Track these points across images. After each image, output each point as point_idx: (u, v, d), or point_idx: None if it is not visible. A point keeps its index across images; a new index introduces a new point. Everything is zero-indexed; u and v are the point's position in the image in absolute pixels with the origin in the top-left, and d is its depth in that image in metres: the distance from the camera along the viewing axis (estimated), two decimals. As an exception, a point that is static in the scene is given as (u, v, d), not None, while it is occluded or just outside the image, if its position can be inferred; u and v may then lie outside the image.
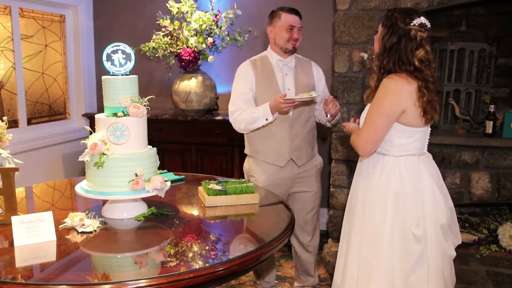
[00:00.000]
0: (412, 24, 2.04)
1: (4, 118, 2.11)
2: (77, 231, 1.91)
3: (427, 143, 2.21)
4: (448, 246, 2.13)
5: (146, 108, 2.08)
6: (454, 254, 2.17)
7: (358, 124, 2.27)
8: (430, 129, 2.20)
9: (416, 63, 2.04)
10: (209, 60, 3.98)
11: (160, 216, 2.11)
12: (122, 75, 2.09)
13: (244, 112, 2.72)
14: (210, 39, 3.91)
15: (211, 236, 2.00)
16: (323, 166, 3.05)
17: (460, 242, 2.24)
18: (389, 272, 2.07)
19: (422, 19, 2.06)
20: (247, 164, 2.94)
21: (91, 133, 2.07)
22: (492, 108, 3.38)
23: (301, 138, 2.81)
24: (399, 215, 2.07)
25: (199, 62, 4.02)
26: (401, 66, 2.05)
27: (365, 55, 2.72)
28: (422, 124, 2.10)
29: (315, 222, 3.02)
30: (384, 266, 2.07)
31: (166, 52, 3.96)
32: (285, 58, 2.81)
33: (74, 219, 1.93)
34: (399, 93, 2.02)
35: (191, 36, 3.89)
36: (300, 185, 2.89)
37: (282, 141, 2.78)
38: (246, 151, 2.93)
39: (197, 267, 1.63)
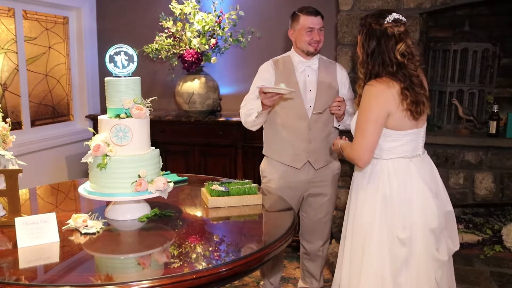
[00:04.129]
0: (385, 22, 2.05)
1: (8, 120, 2.12)
2: (80, 233, 1.91)
3: (422, 145, 2.20)
4: (440, 251, 2.12)
5: (149, 110, 2.09)
6: (445, 259, 2.14)
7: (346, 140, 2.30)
8: (424, 130, 2.19)
9: (399, 57, 2.04)
10: (212, 61, 3.98)
11: (163, 217, 2.11)
12: (124, 76, 2.10)
13: (245, 106, 2.73)
14: (213, 40, 3.91)
15: (214, 237, 2.00)
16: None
17: (457, 249, 2.22)
18: (378, 273, 2.08)
19: (395, 15, 2.07)
20: (263, 165, 2.92)
21: (94, 134, 2.07)
22: (495, 108, 3.38)
23: (319, 141, 2.76)
24: (386, 217, 2.09)
25: (202, 63, 4.02)
26: (386, 67, 2.06)
27: None
28: (411, 125, 2.10)
29: (328, 227, 2.99)
30: (374, 266, 2.09)
31: (169, 54, 3.96)
32: (308, 59, 2.77)
33: (77, 220, 1.94)
34: (381, 97, 2.03)
35: (194, 37, 3.89)
36: (315, 189, 2.85)
37: (300, 142, 2.74)
38: (264, 151, 2.91)
39: (201, 268, 1.63)
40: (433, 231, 2.09)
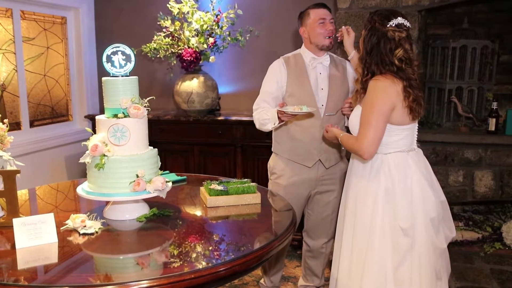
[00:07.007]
0: (388, 25, 2.11)
1: (5, 120, 2.12)
2: (79, 233, 1.91)
3: (416, 139, 2.27)
4: (438, 240, 2.19)
5: (147, 109, 2.08)
6: (444, 247, 2.23)
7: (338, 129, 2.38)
8: (417, 125, 2.26)
9: (396, 62, 2.10)
10: (210, 60, 3.98)
11: (162, 217, 2.11)
12: (122, 76, 2.09)
13: (260, 112, 2.71)
14: (211, 39, 3.91)
15: (213, 236, 2.00)
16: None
17: (454, 235, 2.30)
18: (381, 265, 2.14)
19: (400, 20, 2.12)
20: (272, 162, 2.90)
21: (92, 134, 2.07)
22: (494, 105, 3.38)
23: (330, 140, 2.77)
24: (389, 210, 2.14)
25: (201, 62, 4.01)
26: (384, 67, 2.12)
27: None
28: (409, 121, 2.16)
29: (333, 225, 2.98)
30: (376, 259, 2.14)
31: (167, 53, 3.95)
32: (320, 56, 2.75)
33: (75, 220, 1.94)
34: (387, 91, 2.09)
35: (192, 36, 3.88)
36: (323, 187, 2.85)
37: (312, 141, 2.73)
38: (273, 148, 2.91)
39: (200, 267, 1.62)
40: (432, 220, 2.16)
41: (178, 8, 3.90)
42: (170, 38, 3.96)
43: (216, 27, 3.91)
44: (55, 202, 2.46)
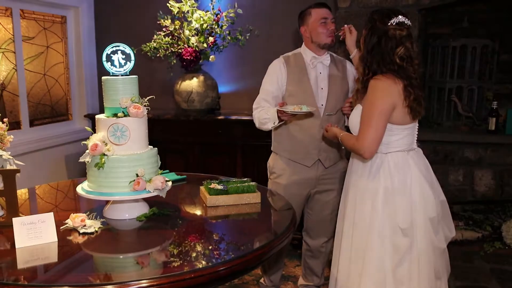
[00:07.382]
0: (389, 23, 2.11)
1: (5, 119, 2.11)
2: (79, 232, 1.91)
3: (416, 139, 2.27)
4: (438, 239, 2.20)
5: (147, 109, 2.08)
6: (444, 247, 2.23)
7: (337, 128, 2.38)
8: (417, 124, 2.26)
9: (397, 61, 2.10)
10: (210, 59, 3.98)
11: (162, 216, 2.11)
12: (122, 75, 2.09)
13: (260, 111, 2.70)
14: (211, 39, 3.91)
15: (213, 235, 2.00)
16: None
17: (453, 235, 2.30)
18: (380, 264, 2.14)
19: (400, 18, 2.12)
20: (272, 161, 2.91)
21: (92, 134, 2.07)
22: (495, 104, 3.38)
23: (330, 139, 2.77)
24: (388, 209, 2.14)
25: (201, 61, 4.01)
26: (385, 66, 2.11)
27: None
28: (409, 120, 2.16)
29: (333, 224, 2.98)
30: (376, 259, 2.14)
31: (167, 52, 3.95)
32: (321, 55, 2.75)
33: (75, 220, 1.93)
34: (388, 90, 2.09)
35: (192, 35, 3.88)
36: (323, 186, 2.85)
37: (311, 141, 2.73)
38: (272, 148, 2.91)
39: (200, 267, 1.62)
40: (432, 220, 2.16)
41: (178, 7, 3.90)
42: (170, 37, 3.96)
43: (216, 26, 3.91)
44: (55, 202, 2.46)
